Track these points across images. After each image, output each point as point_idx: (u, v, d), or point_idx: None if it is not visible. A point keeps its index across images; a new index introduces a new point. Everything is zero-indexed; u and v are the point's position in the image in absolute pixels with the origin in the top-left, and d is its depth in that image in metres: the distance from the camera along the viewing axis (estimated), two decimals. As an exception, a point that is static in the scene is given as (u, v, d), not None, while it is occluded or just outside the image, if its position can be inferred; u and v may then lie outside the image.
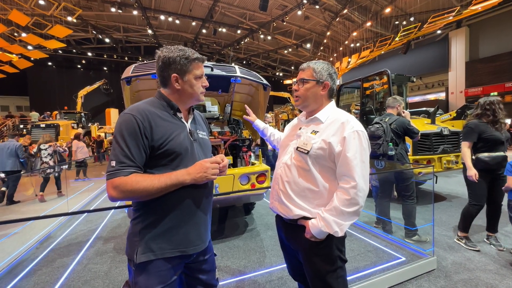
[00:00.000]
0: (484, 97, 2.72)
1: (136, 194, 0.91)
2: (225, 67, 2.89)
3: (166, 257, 0.98)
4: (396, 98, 3.20)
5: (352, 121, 1.13)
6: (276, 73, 26.26)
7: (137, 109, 0.97)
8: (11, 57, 10.66)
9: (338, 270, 1.16)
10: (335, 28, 16.73)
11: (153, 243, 0.97)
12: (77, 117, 14.94)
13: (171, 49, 1.03)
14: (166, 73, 1.03)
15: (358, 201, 1.07)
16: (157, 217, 0.98)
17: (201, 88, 1.09)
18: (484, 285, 2.09)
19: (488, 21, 13.84)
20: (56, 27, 10.08)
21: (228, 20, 16.81)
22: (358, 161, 1.07)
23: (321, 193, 1.14)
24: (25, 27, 10.90)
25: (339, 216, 1.07)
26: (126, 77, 2.51)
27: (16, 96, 21.57)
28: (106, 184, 0.91)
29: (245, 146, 3.34)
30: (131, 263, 0.99)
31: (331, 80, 1.23)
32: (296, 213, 1.16)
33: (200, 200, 1.06)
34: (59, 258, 2.81)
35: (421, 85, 16.82)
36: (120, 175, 0.89)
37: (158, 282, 0.97)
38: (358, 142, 1.08)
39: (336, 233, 1.08)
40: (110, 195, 0.90)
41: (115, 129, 0.95)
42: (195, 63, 1.05)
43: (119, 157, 0.91)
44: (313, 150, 1.13)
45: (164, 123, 1.00)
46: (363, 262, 2.50)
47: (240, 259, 2.65)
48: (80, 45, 19.42)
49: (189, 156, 1.03)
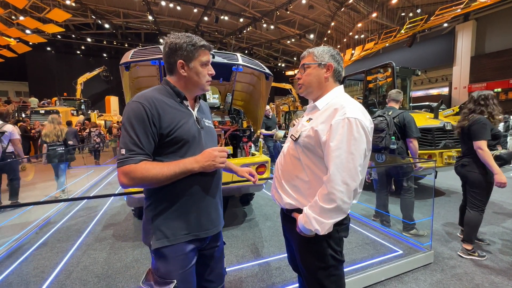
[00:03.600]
0: (477, 91, 2.51)
1: (146, 181, 0.92)
2: (227, 55, 2.83)
3: (181, 242, 1.01)
4: (400, 92, 3.16)
5: (348, 107, 1.00)
6: (278, 64, 25.88)
7: (144, 97, 0.97)
8: (9, 41, 10.45)
9: (331, 269, 1.09)
10: (339, 19, 16.36)
11: (166, 229, 1.00)
12: (77, 104, 14.83)
13: (179, 36, 1.02)
14: (172, 59, 1.03)
15: (336, 196, 0.95)
16: (168, 203, 1.01)
17: (207, 76, 1.08)
18: (480, 279, 2.11)
19: (496, 15, 13.51)
20: (54, 10, 9.84)
21: (230, 7, 16.41)
22: (342, 152, 0.95)
23: (311, 184, 1.07)
24: (22, 10, 10.64)
25: (320, 213, 0.98)
26: (125, 62, 2.45)
27: (15, 81, 21.34)
28: (117, 172, 0.93)
29: (245, 137, 3.31)
30: (151, 251, 1.03)
31: (335, 61, 1.14)
32: (286, 201, 1.14)
33: (209, 186, 1.08)
34: (58, 243, 2.83)
35: (424, 79, 16.61)
36: (130, 163, 0.91)
37: (178, 267, 1.00)
38: (346, 131, 0.96)
39: (317, 231, 0.99)
40: (121, 182, 0.92)
41: (124, 118, 0.96)
42: (202, 50, 1.04)
43: (129, 145, 0.92)
44: (301, 138, 1.09)
45: (172, 110, 1.00)
46: (361, 254, 2.51)
47: (238, 248, 2.67)
48: (79, 30, 19.03)
49: (196, 144, 1.04)
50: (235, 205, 4.00)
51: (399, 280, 2.11)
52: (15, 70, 19.47)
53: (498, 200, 3.97)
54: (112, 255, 2.54)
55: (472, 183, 2.43)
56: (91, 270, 2.30)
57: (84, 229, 3.20)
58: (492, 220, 3.32)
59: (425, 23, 11.09)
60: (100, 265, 2.37)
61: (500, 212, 3.55)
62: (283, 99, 15.67)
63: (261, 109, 3.54)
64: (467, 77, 14.46)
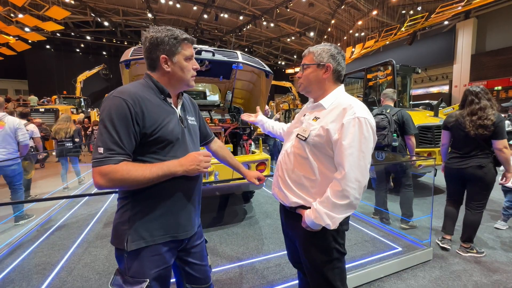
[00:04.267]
0: (471, 86, 2.41)
1: (125, 184, 0.87)
2: (226, 53, 2.82)
3: (158, 243, 0.98)
4: (395, 91, 3.23)
5: (356, 107, 1.04)
6: (278, 62, 25.80)
7: (128, 93, 0.90)
8: (8, 39, 10.42)
9: (335, 262, 1.14)
10: (340, 16, 16.29)
11: (143, 231, 0.96)
12: (77, 102, 14.79)
13: (159, 29, 0.97)
14: (154, 54, 0.97)
15: (349, 193, 0.99)
16: (147, 205, 0.97)
17: (191, 71, 1.04)
18: (479, 276, 2.12)
19: (497, 13, 13.45)
20: (53, 8, 9.79)
21: (230, 5, 16.33)
22: (354, 150, 0.99)
23: (319, 182, 1.10)
24: (21, 7, 10.60)
25: (332, 208, 1.02)
26: (125, 60, 2.45)
27: (14, 79, 21.29)
28: (93, 172, 0.86)
29: (245, 134, 3.32)
30: (120, 252, 0.97)
31: (334, 61, 1.14)
32: (292, 200, 1.15)
33: (190, 189, 1.06)
34: (59, 240, 2.84)
35: (424, 77, 16.58)
36: (109, 163, 0.84)
37: (152, 267, 0.97)
38: (357, 130, 1.00)
39: (328, 225, 1.03)
40: (97, 184, 0.85)
41: (103, 113, 0.88)
42: (185, 43, 0.99)
43: (108, 143, 0.85)
44: (311, 137, 1.09)
45: (155, 109, 0.95)
46: (360, 251, 2.53)
47: (239, 246, 2.68)
48: (78, 28, 18.95)
49: (179, 144, 1.01)
50: (235, 203, 4.01)
51: (398, 277, 2.13)
52: (14, 68, 19.40)
53: (496, 198, 3.98)
54: (112, 252, 2.54)
55: (486, 185, 2.30)
56: (92, 267, 2.32)
57: (85, 227, 3.21)
58: (490, 217, 3.34)
59: (425, 21, 11.04)
60: (101, 262, 2.39)
61: (499, 210, 3.56)
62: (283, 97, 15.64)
63: (262, 107, 3.54)
64: (468, 75, 14.43)
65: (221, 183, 2.71)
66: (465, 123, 2.30)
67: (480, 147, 2.29)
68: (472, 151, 2.34)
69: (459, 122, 2.36)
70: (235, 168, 1.39)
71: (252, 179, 1.36)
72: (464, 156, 2.38)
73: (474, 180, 2.34)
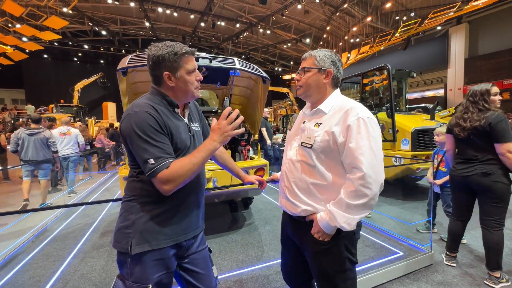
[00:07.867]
0: (476, 86, 2.18)
1: (184, 178, 0.93)
2: (224, 59, 2.84)
3: (161, 248, 0.99)
4: None
5: (358, 108, 1.05)
6: (275, 68, 26.05)
7: (147, 106, 0.96)
8: (5, 49, 10.44)
9: (348, 272, 1.11)
10: (335, 23, 16.56)
11: (148, 234, 0.98)
12: (74, 110, 14.76)
13: (159, 47, 1.00)
14: (157, 72, 1.01)
15: (364, 193, 0.98)
16: (151, 208, 1.00)
17: (195, 83, 1.06)
18: (481, 279, 2.10)
19: (488, 18, 13.76)
20: (51, 18, 9.87)
21: (227, 13, 16.56)
22: (365, 149, 0.99)
23: (329, 187, 1.08)
24: (19, 17, 10.65)
25: (346, 209, 1.00)
26: (122, 68, 2.45)
27: (11, 88, 21.25)
28: (155, 182, 0.92)
29: (243, 140, 3.31)
30: (123, 256, 0.99)
31: (335, 67, 1.15)
32: (302, 209, 1.12)
33: (195, 190, 1.10)
34: (55, 251, 2.78)
35: (420, 81, 16.79)
36: (163, 169, 0.90)
37: (155, 272, 0.98)
38: (364, 129, 1.00)
39: (343, 227, 1.01)
40: (164, 190, 0.92)
41: (135, 129, 0.92)
42: (185, 57, 1.02)
43: (155, 154, 0.91)
44: (316, 144, 1.08)
45: (169, 119, 1.01)
46: (361, 256, 2.50)
47: (238, 253, 2.64)
48: (76, 37, 19.06)
49: (188, 151, 1.05)
50: (234, 210, 3.97)
51: (400, 282, 2.10)
52: (11, 77, 19.37)
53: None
54: (109, 263, 2.50)
55: (498, 196, 1.95)
56: (88, 278, 2.26)
57: (81, 237, 3.15)
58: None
59: (418, 26, 11.25)
60: (98, 273, 2.33)
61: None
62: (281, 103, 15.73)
63: (259, 112, 3.55)
64: (462, 78, 14.63)
65: (220, 190, 2.68)
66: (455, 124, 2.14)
67: (485, 151, 1.99)
68: (476, 156, 2.03)
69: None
70: (235, 173, 1.40)
71: (252, 179, 1.40)
72: (468, 162, 2.08)
73: (482, 190, 2.01)
